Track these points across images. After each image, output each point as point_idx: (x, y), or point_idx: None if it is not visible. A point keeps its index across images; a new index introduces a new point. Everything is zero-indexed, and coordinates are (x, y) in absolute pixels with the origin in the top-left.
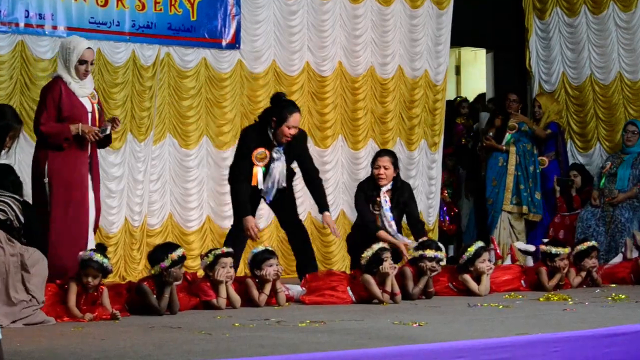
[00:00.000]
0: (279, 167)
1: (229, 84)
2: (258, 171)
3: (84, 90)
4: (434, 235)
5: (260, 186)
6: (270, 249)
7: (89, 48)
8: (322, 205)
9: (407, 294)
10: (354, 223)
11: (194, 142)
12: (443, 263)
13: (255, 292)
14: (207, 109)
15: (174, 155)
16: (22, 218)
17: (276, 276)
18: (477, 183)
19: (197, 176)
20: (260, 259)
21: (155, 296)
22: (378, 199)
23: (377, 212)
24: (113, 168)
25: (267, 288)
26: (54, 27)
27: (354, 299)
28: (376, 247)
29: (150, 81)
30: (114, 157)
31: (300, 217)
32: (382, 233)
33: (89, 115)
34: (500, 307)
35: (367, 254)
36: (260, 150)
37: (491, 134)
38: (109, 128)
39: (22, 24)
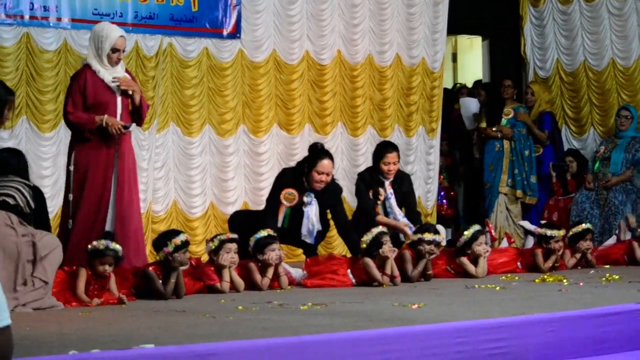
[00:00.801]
0: (313, 210)
1: (231, 73)
2: (282, 211)
3: (110, 75)
4: (433, 220)
5: (285, 225)
6: (272, 233)
7: (121, 36)
8: (354, 250)
9: (407, 276)
10: (354, 210)
11: (196, 130)
12: (443, 244)
13: (258, 276)
14: (210, 98)
15: (178, 143)
16: (32, 204)
17: (278, 260)
18: (469, 167)
19: (200, 163)
20: (262, 244)
21: (161, 281)
22: (381, 190)
23: (378, 204)
24: None
25: (270, 272)
26: (59, 19)
27: (354, 281)
28: (376, 231)
29: (153, 71)
30: None
31: None
32: (381, 217)
33: (119, 99)
34: (497, 288)
35: (367, 237)
36: (290, 190)
37: (484, 125)
38: (132, 125)
39: (27, 16)
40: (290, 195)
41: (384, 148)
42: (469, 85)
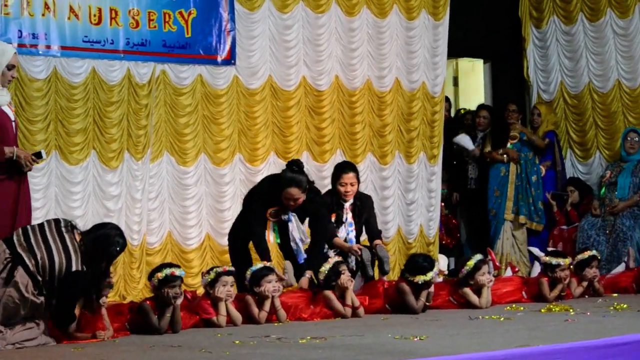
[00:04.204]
0: (294, 225)
1: (226, 101)
2: (270, 226)
3: (4, 98)
4: (435, 248)
5: (272, 241)
6: (269, 265)
7: (15, 52)
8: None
9: (409, 309)
10: None
11: (191, 160)
12: (440, 270)
13: (255, 309)
14: (204, 126)
15: (172, 173)
16: (54, 272)
17: (275, 293)
18: (463, 193)
19: (196, 194)
20: (259, 276)
21: (156, 316)
22: (341, 212)
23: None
24: (111, 187)
25: (267, 305)
26: (48, 47)
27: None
28: (333, 261)
29: (146, 99)
30: (111, 176)
31: None
32: (337, 240)
33: (13, 124)
34: (502, 319)
35: (325, 268)
36: (273, 210)
37: (488, 149)
38: (43, 152)
39: (15, 44)
40: (273, 212)
41: (341, 169)
42: (473, 109)
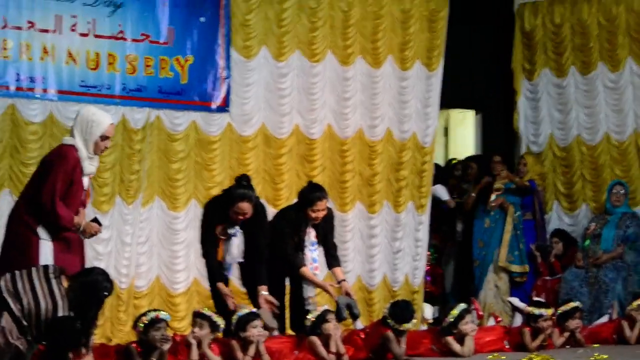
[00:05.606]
0: (236, 243)
1: (218, 147)
2: (223, 244)
3: (91, 168)
4: (419, 297)
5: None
6: (255, 311)
7: (112, 123)
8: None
9: (394, 355)
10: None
11: (182, 205)
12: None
13: (239, 354)
14: (196, 172)
15: (162, 218)
16: (40, 318)
17: (260, 338)
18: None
19: (185, 239)
20: (244, 321)
21: (141, 359)
22: (302, 233)
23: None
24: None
25: (252, 350)
26: (45, 90)
27: None
28: (322, 309)
29: (140, 144)
30: (102, 220)
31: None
32: (306, 271)
33: (84, 194)
34: None
35: (313, 315)
36: (221, 227)
37: (474, 194)
38: (99, 220)
39: (13, 87)
40: (221, 231)
41: (316, 196)
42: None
